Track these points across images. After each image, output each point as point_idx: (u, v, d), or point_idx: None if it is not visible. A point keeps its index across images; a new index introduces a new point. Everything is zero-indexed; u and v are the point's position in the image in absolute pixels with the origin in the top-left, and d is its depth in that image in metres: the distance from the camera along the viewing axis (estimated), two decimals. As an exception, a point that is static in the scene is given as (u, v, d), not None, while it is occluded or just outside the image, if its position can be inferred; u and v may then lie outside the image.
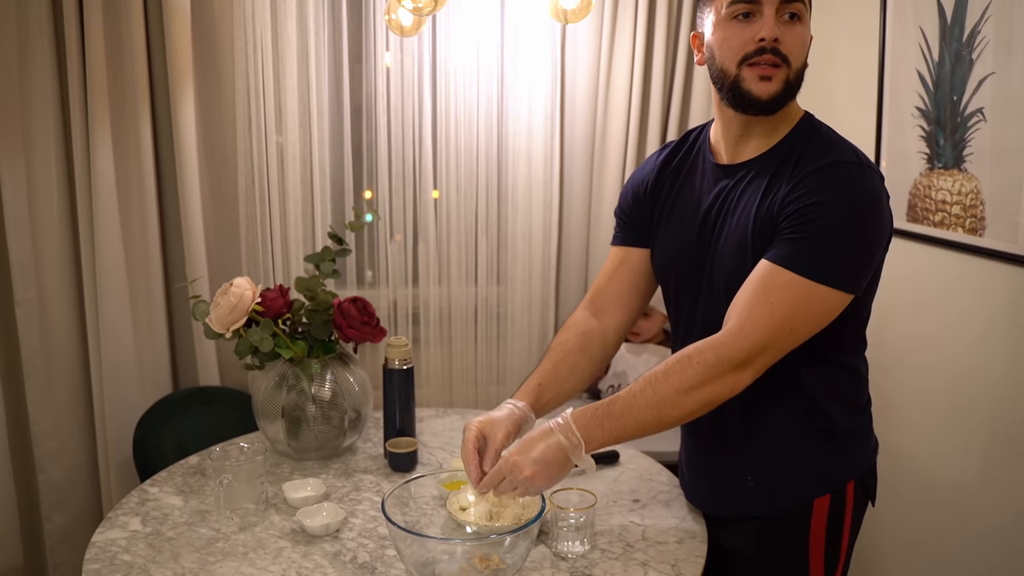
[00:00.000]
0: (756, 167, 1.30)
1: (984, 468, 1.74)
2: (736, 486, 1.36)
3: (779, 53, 1.23)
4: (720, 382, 1.20)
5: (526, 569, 1.26)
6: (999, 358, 1.69)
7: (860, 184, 1.20)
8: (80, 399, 2.26)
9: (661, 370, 1.23)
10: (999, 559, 1.71)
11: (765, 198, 1.25)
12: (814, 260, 1.18)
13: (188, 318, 2.29)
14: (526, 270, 2.51)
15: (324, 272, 1.69)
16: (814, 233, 1.18)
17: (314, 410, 1.64)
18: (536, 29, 2.38)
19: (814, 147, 1.26)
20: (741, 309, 1.21)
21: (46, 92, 2.11)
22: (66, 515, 2.27)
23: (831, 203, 1.18)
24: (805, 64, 1.27)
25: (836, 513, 1.33)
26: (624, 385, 2.37)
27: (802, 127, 1.30)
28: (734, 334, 1.20)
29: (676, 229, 1.40)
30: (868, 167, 1.23)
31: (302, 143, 2.34)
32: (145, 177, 2.20)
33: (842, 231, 1.19)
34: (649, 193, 1.46)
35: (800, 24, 1.25)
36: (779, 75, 1.24)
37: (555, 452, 1.22)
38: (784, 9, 1.23)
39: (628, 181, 1.53)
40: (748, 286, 1.22)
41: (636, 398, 1.22)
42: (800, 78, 1.27)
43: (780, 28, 1.23)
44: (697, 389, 1.20)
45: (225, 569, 1.28)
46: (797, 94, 1.28)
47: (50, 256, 2.17)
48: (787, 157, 1.27)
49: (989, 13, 1.64)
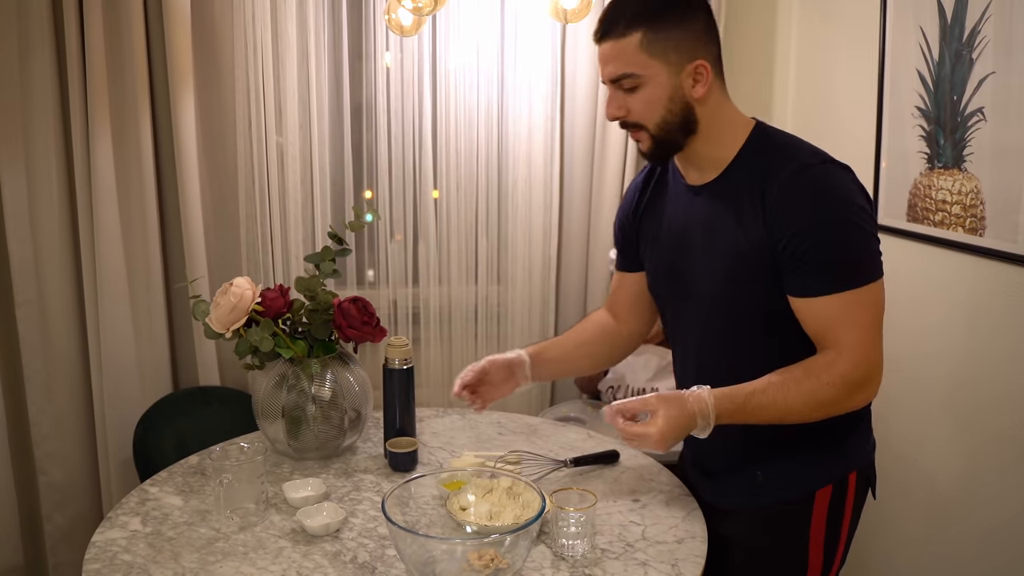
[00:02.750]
0: (719, 187, 1.34)
1: (984, 468, 1.74)
2: (745, 482, 1.40)
3: (629, 124, 1.32)
4: (846, 403, 1.27)
5: (526, 569, 1.26)
6: (999, 357, 1.69)
7: (829, 186, 1.25)
8: (80, 400, 2.26)
9: (791, 380, 1.26)
10: (998, 557, 1.71)
11: (742, 221, 1.29)
12: (851, 272, 1.24)
13: (188, 318, 2.29)
14: (526, 270, 2.51)
15: (324, 272, 1.69)
16: (830, 253, 1.23)
17: (314, 410, 1.64)
18: (536, 29, 2.38)
19: (773, 161, 1.28)
20: (834, 339, 1.25)
21: (46, 92, 2.11)
22: (66, 515, 2.27)
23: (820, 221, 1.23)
24: (669, 112, 1.29)
25: (837, 503, 1.36)
26: (624, 387, 2.37)
27: (755, 142, 1.33)
28: (848, 358, 1.24)
29: (660, 251, 1.46)
30: (830, 162, 1.27)
31: (302, 143, 2.34)
32: (145, 177, 2.20)
33: (845, 238, 1.24)
34: (632, 221, 1.53)
35: (641, 89, 1.28)
36: (641, 136, 1.32)
37: (688, 428, 1.28)
38: (618, 86, 1.30)
39: (618, 210, 1.60)
40: (820, 320, 1.26)
41: (767, 404, 1.26)
42: (667, 128, 1.30)
43: (624, 98, 1.29)
44: (824, 407, 1.27)
45: (225, 569, 1.28)
46: (690, 132, 1.31)
47: (50, 256, 2.17)
48: (748, 175, 1.30)
49: (989, 13, 1.64)
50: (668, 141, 1.32)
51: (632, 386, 2.36)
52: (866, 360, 1.25)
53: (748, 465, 1.40)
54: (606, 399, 2.44)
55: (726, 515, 1.43)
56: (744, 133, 1.34)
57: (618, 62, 1.28)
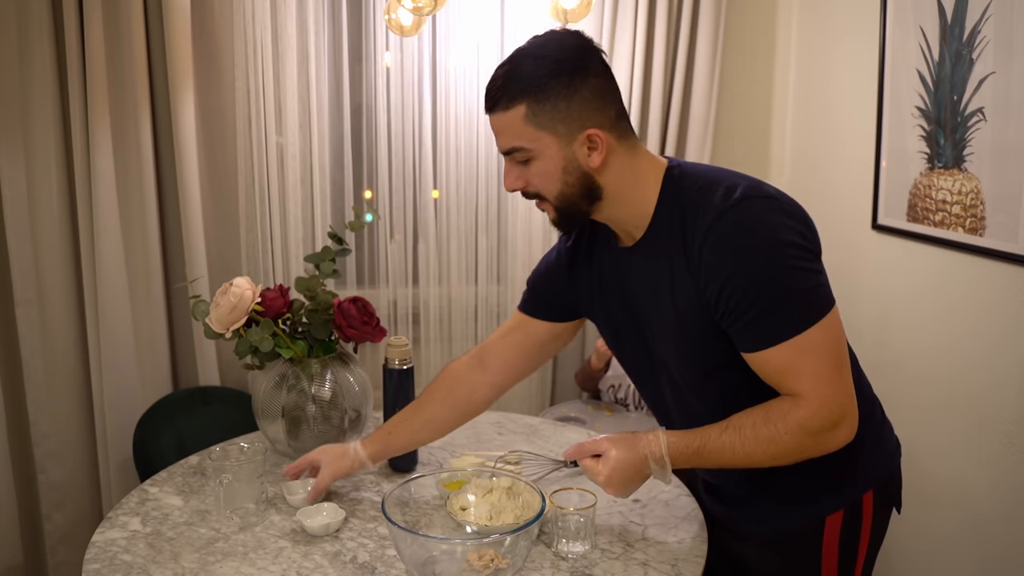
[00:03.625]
0: (647, 247, 1.26)
1: (984, 468, 1.74)
2: (752, 507, 1.36)
3: (529, 195, 1.25)
4: (814, 449, 1.19)
5: (526, 569, 1.26)
6: (999, 357, 1.69)
7: (746, 228, 1.14)
8: (80, 399, 2.26)
9: (748, 427, 1.18)
10: (998, 558, 1.71)
11: (675, 284, 1.21)
12: (791, 317, 1.14)
13: (188, 318, 2.29)
14: (526, 270, 2.51)
15: (324, 272, 1.69)
16: (762, 302, 1.13)
17: (314, 410, 1.64)
18: (536, 29, 2.37)
19: (688, 213, 1.19)
20: (789, 389, 1.17)
21: (46, 92, 2.11)
22: (66, 515, 2.27)
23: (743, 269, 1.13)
24: (567, 183, 1.21)
25: (851, 527, 1.29)
26: (625, 386, 2.37)
27: (668, 193, 1.23)
28: (805, 407, 1.16)
29: (605, 319, 1.40)
30: (741, 200, 1.15)
31: (302, 143, 2.34)
32: (145, 177, 2.20)
33: (776, 282, 1.14)
34: (566, 280, 1.43)
35: (533, 161, 1.21)
36: (546, 207, 1.26)
37: (641, 476, 1.25)
38: (512, 159, 1.23)
39: (541, 260, 1.50)
40: (771, 373, 1.18)
41: (726, 449, 1.19)
42: (568, 198, 1.22)
43: (520, 170, 1.23)
44: (789, 456, 1.19)
45: (225, 569, 1.28)
46: (596, 199, 1.23)
47: (50, 256, 2.17)
48: (669, 233, 1.22)
49: (989, 13, 1.64)
50: (573, 211, 1.24)
51: (633, 386, 2.37)
52: (826, 407, 1.15)
53: (755, 491, 1.34)
54: (607, 398, 2.44)
55: (737, 537, 1.40)
56: (656, 185, 1.24)
57: (506, 135, 1.21)
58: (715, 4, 2.38)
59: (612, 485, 1.24)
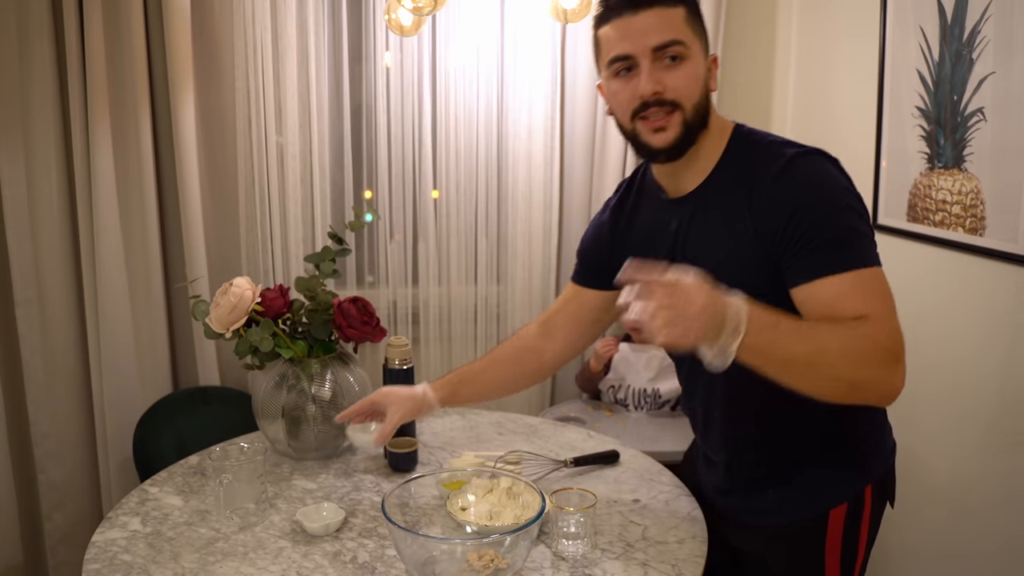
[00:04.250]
0: (706, 194, 1.27)
1: (984, 468, 1.74)
2: (756, 500, 1.36)
3: (665, 102, 1.21)
4: (879, 369, 1.09)
5: (526, 569, 1.26)
6: (999, 357, 1.69)
7: (818, 170, 1.19)
8: (80, 399, 2.26)
9: (825, 324, 1.11)
10: (1002, 559, 1.71)
11: (733, 226, 1.21)
12: (858, 251, 1.14)
13: (188, 318, 2.29)
14: (526, 270, 2.51)
15: (324, 272, 1.69)
16: (831, 230, 1.14)
17: (314, 410, 1.64)
18: (536, 29, 2.38)
19: (758, 160, 1.22)
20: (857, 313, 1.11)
21: (46, 92, 2.12)
22: (66, 515, 2.27)
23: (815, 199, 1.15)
24: (704, 95, 1.23)
25: (853, 519, 1.31)
26: (625, 387, 2.37)
27: (736, 144, 1.27)
28: (879, 324, 1.10)
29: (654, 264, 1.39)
30: (815, 152, 1.21)
31: (302, 143, 2.34)
32: (145, 177, 2.20)
33: (843, 216, 1.15)
34: (608, 241, 1.45)
35: (685, 62, 1.21)
36: (673, 121, 1.22)
37: (721, 316, 1.02)
38: (662, 55, 1.20)
39: (589, 225, 1.53)
40: (827, 303, 1.13)
41: (803, 329, 1.09)
42: (700, 112, 1.23)
43: (662, 74, 1.20)
44: (859, 363, 1.08)
45: (225, 569, 1.28)
46: (706, 126, 1.24)
47: (50, 256, 2.17)
48: (734, 178, 1.23)
49: (989, 13, 1.64)
50: (694, 130, 1.23)
51: (633, 386, 2.37)
52: (894, 331, 1.11)
53: (759, 483, 1.35)
54: (607, 398, 2.44)
55: (740, 529, 1.40)
56: (723, 138, 1.27)
57: (668, 29, 1.20)
58: (715, 4, 2.38)
59: (697, 290, 1.01)
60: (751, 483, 1.38)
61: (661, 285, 1.01)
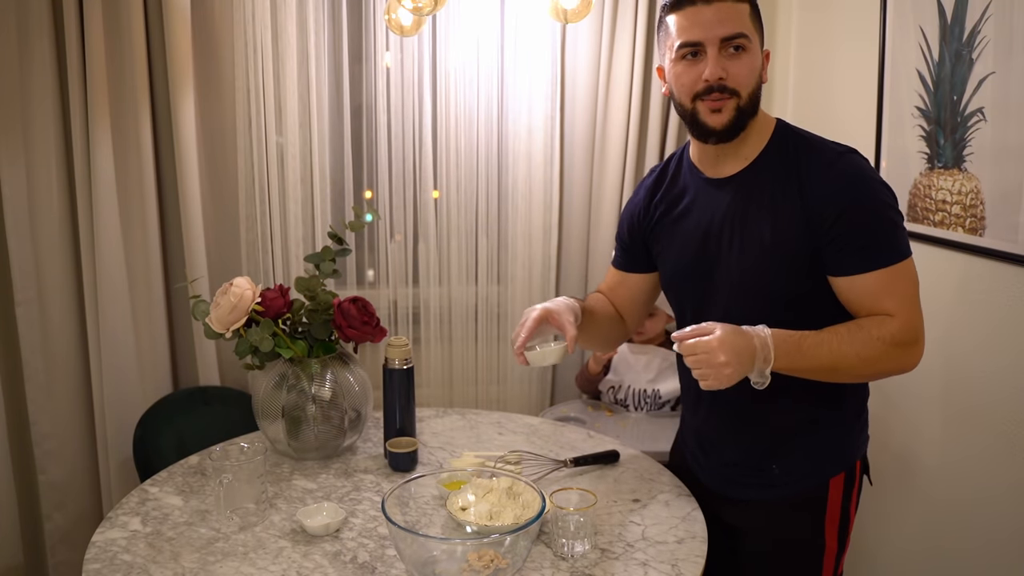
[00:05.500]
0: (747, 178, 1.38)
1: (984, 467, 1.74)
2: (760, 475, 1.43)
3: (726, 89, 1.32)
4: (896, 361, 1.31)
5: (526, 569, 1.26)
6: (999, 358, 1.69)
7: (862, 170, 1.32)
8: (80, 399, 2.26)
9: (843, 332, 1.29)
10: (1003, 561, 1.71)
11: (778, 209, 1.33)
12: (892, 248, 1.30)
13: (188, 318, 2.29)
14: (526, 270, 2.51)
15: (324, 272, 1.69)
16: (873, 232, 1.29)
17: (314, 410, 1.64)
18: (536, 29, 2.38)
19: (803, 151, 1.35)
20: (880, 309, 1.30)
21: (46, 92, 2.11)
22: (66, 515, 2.27)
23: (862, 201, 1.29)
24: (759, 85, 1.35)
25: (848, 489, 1.43)
26: (625, 387, 2.37)
27: (781, 136, 1.39)
28: (896, 321, 1.29)
29: (679, 248, 1.47)
30: (855, 153, 1.35)
31: (302, 143, 2.34)
32: (145, 177, 2.20)
33: (882, 217, 1.30)
34: (642, 222, 1.54)
35: (746, 53, 1.32)
36: (729, 105, 1.33)
37: (749, 356, 1.24)
38: (727, 45, 1.31)
39: (624, 208, 1.61)
40: (865, 295, 1.31)
41: (823, 345, 1.28)
42: (753, 101, 1.35)
43: (725, 62, 1.31)
44: (875, 363, 1.30)
45: (225, 569, 1.28)
46: (755, 114, 1.36)
47: (50, 256, 2.17)
48: (780, 164, 1.35)
49: (989, 13, 1.64)
50: (746, 115, 1.34)
51: (633, 387, 2.37)
52: (911, 324, 1.30)
53: (763, 458, 1.43)
54: (606, 399, 2.44)
55: (736, 504, 1.47)
56: (769, 129, 1.39)
57: (736, 22, 1.31)
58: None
59: (724, 348, 1.22)
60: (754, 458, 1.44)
61: (686, 348, 1.25)
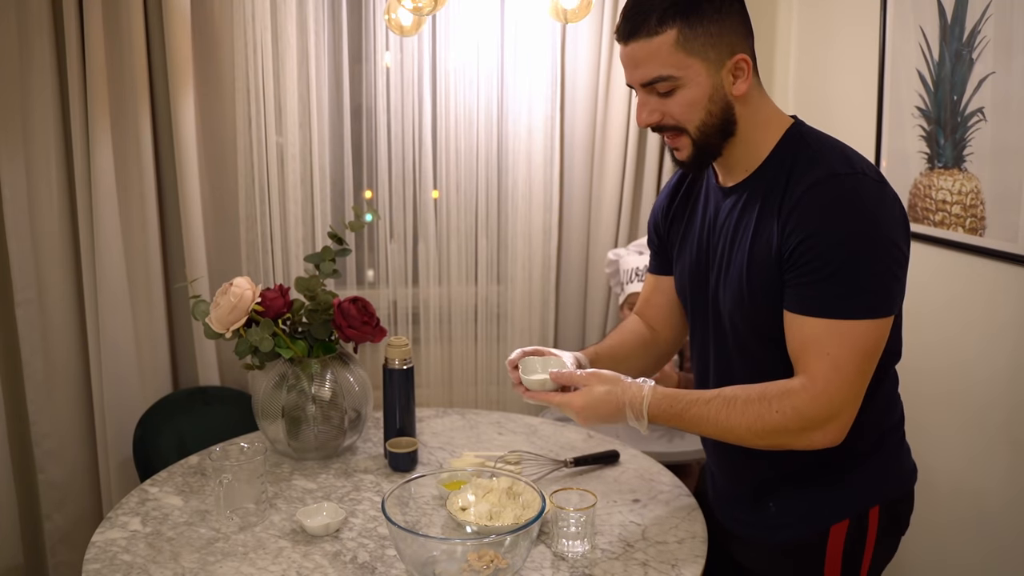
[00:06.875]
0: (748, 189, 1.24)
1: (987, 469, 1.74)
2: (758, 512, 1.33)
3: (667, 128, 1.20)
4: (796, 438, 1.16)
5: (526, 569, 1.26)
6: (1000, 358, 1.69)
7: (856, 198, 1.12)
8: (80, 399, 2.26)
9: (740, 399, 1.18)
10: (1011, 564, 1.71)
11: (759, 229, 1.19)
12: (846, 299, 1.11)
13: (188, 318, 2.29)
14: (526, 270, 2.51)
15: (324, 272, 1.69)
16: (832, 269, 1.11)
17: (314, 410, 1.64)
18: (536, 29, 2.37)
19: (801, 165, 1.17)
20: (804, 365, 1.15)
21: (46, 92, 2.11)
22: (66, 515, 2.27)
23: (834, 231, 1.11)
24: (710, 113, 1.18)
25: (855, 538, 1.26)
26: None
27: (787, 142, 1.22)
28: (809, 390, 1.13)
29: (687, 253, 1.38)
30: (861, 174, 1.13)
31: (302, 143, 2.34)
32: (145, 177, 2.20)
33: (855, 259, 1.10)
34: (664, 221, 1.46)
35: (679, 91, 1.17)
36: (682, 143, 1.21)
37: (615, 416, 1.25)
38: (651, 88, 1.18)
39: (652, 209, 1.52)
40: (797, 341, 1.16)
41: (708, 417, 1.20)
42: (708, 130, 1.19)
43: (658, 103, 1.18)
44: (770, 436, 1.16)
45: (225, 569, 1.28)
46: (731, 134, 1.21)
47: (50, 256, 2.17)
48: (774, 179, 1.19)
49: (989, 13, 1.64)
50: (708, 146, 1.20)
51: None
52: (827, 396, 1.12)
53: (761, 495, 1.32)
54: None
55: (742, 542, 1.38)
56: (779, 133, 1.22)
57: (651, 64, 1.15)
58: (715, 4, 2.38)
59: (584, 418, 1.26)
60: (752, 493, 1.34)
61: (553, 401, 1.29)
